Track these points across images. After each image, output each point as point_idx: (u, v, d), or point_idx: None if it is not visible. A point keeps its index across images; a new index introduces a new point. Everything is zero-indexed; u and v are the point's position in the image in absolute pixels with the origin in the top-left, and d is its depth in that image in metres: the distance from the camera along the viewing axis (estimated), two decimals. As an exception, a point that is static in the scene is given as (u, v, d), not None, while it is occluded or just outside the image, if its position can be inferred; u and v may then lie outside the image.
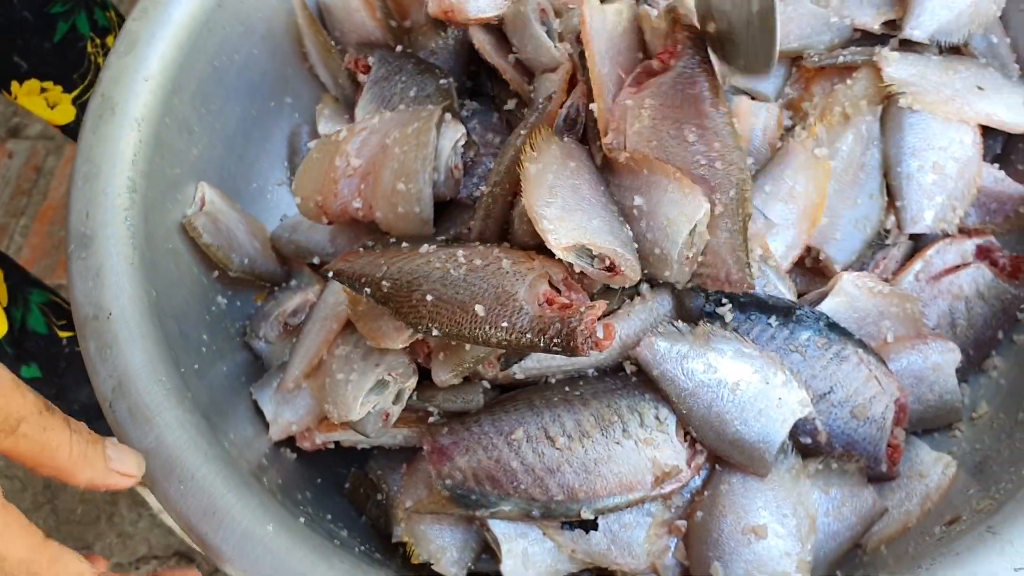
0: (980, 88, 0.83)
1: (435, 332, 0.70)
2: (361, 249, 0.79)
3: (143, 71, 0.87)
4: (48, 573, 0.53)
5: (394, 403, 0.79)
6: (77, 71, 1.19)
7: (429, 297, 0.70)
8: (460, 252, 0.74)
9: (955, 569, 0.61)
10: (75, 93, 1.21)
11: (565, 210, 0.70)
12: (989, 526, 0.63)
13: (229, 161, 0.97)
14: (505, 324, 0.67)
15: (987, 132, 0.86)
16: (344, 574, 0.66)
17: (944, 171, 0.82)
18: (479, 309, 0.68)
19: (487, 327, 0.68)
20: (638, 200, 0.74)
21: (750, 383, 0.74)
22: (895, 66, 0.84)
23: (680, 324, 0.76)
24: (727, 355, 0.74)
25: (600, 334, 0.65)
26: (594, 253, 0.70)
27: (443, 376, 0.77)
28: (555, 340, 0.65)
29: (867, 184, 0.84)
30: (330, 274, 0.78)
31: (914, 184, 0.83)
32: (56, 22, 1.14)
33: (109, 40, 1.22)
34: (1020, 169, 0.87)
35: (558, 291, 0.71)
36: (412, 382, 0.79)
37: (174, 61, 0.89)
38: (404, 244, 0.78)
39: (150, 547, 1.68)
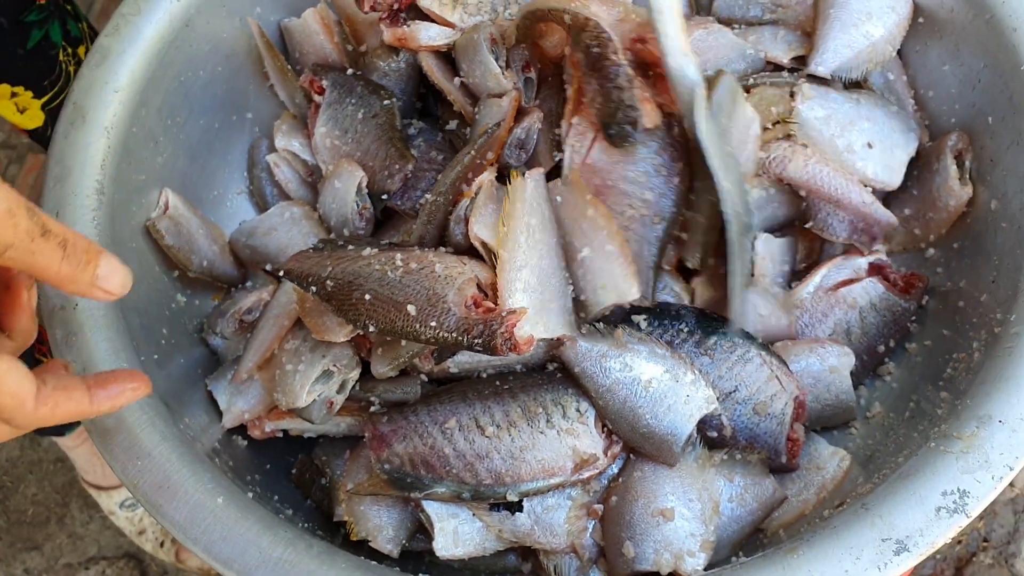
0: (870, 146, 0.92)
1: (372, 328, 0.77)
2: (311, 250, 0.86)
3: (113, 83, 0.94)
4: None
5: (338, 392, 0.86)
6: (48, 78, 1.24)
7: (367, 296, 0.78)
8: (398, 256, 0.81)
9: (832, 541, 0.69)
10: (45, 99, 1.26)
11: (529, 300, 0.77)
12: (864, 503, 0.71)
13: (192, 170, 1.03)
14: (434, 323, 0.75)
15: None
16: (287, 543, 0.72)
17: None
18: (411, 309, 0.76)
19: (417, 325, 0.76)
20: (586, 252, 0.83)
21: (661, 381, 0.81)
22: (809, 104, 0.92)
23: (600, 325, 0.83)
24: (642, 355, 0.82)
25: (521, 338, 0.74)
26: None
27: (381, 368, 0.84)
28: (477, 340, 0.74)
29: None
30: (281, 273, 0.85)
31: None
32: (30, 30, 1.19)
33: (80, 50, 1.27)
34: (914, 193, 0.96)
35: (486, 294, 0.78)
36: (355, 374, 0.86)
37: (142, 75, 0.95)
38: (350, 247, 0.85)
39: (100, 548, 1.71)
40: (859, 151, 0.92)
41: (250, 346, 0.92)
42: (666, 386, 0.81)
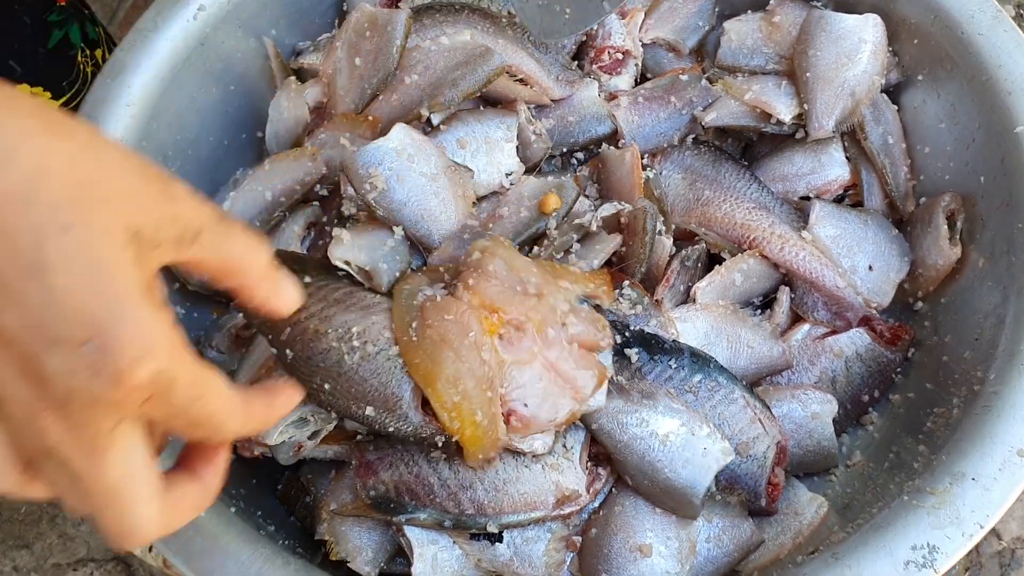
0: (871, 268, 0.95)
1: (334, 415, 0.81)
2: None
3: (125, 97, 0.96)
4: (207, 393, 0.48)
5: (309, 439, 0.87)
6: (67, 79, 1.26)
7: (327, 386, 0.78)
8: (355, 329, 0.80)
9: (801, 588, 0.70)
10: (63, 100, 1.28)
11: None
12: (835, 553, 0.72)
13: (200, 185, 1.04)
14: (391, 429, 0.78)
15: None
16: (265, 559, 0.74)
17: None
18: (369, 411, 0.78)
19: (376, 425, 0.78)
20: None
21: (678, 435, 0.82)
22: (822, 224, 0.95)
23: (617, 380, 0.84)
24: (658, 410, 0.83)
25: None
26: None
27: (353, 427, 0.87)
28: (435, 440, 0.78)
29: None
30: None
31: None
32: (52, 29, 1.21)
33: (98, 53, 1.29)
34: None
35: None
36: (330, 426, 0.87)
37: (155, 91, 0.98)
38: (307, 278, 0.83)
39: (89, 550, 1.72)
40: (860, 272, 0.95)
41: (245, 362, 0.93)
42: (683, 440, 0.82)
